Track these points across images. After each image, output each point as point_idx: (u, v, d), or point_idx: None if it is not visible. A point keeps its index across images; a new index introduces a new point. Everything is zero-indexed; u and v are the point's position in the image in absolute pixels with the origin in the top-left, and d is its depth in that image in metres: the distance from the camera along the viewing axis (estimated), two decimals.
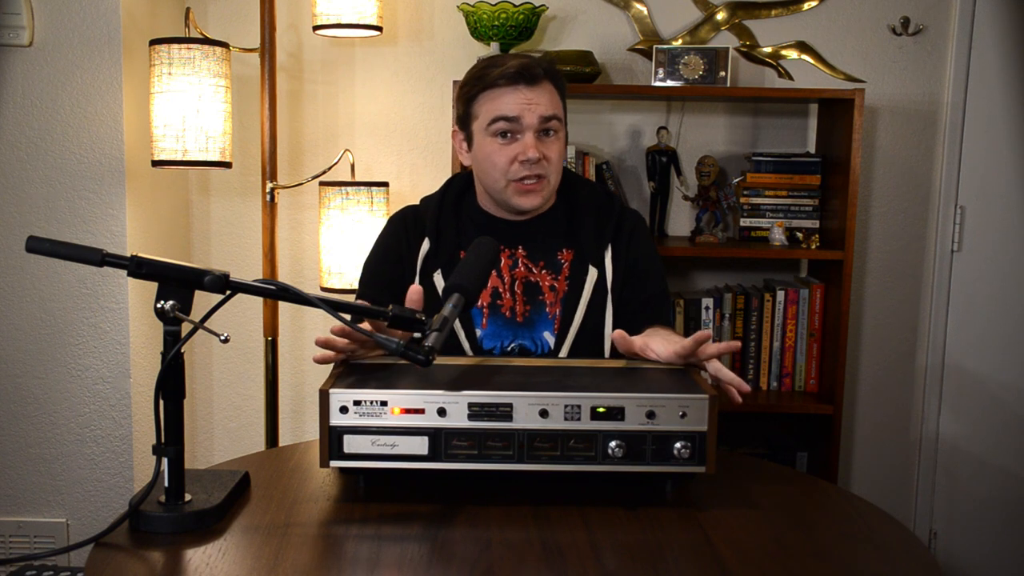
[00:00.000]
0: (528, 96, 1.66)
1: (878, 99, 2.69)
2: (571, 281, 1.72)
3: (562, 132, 1.71)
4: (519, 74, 1.65)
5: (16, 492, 2.45)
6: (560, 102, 1.72)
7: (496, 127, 1.68)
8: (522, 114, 1.65)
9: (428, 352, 1.22)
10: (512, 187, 1.69)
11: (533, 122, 1.66)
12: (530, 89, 1.66)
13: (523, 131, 1.66)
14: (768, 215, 2.59)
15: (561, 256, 1.75)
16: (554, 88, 1.70)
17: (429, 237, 1.75)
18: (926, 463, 2.80)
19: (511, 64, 1.67)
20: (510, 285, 1.72)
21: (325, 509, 1.28)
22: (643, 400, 1.25)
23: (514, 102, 1.66)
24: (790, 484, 1.45)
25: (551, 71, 1.71)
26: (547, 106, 1.67)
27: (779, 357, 2.58)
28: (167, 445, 1.22)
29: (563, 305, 1.71)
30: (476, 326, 1.71)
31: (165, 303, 1.18)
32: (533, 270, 1.73)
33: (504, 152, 1.67)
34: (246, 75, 2.62)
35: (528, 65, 1.66)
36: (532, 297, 1.72)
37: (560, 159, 1.71)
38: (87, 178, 2.35)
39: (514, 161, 1.67)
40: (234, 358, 2.81)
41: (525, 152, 1.65)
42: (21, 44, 2.30)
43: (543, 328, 1.71)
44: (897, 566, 1.17)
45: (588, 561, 1.12)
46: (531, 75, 1.66)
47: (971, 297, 2.74)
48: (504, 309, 1.71)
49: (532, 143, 1.65)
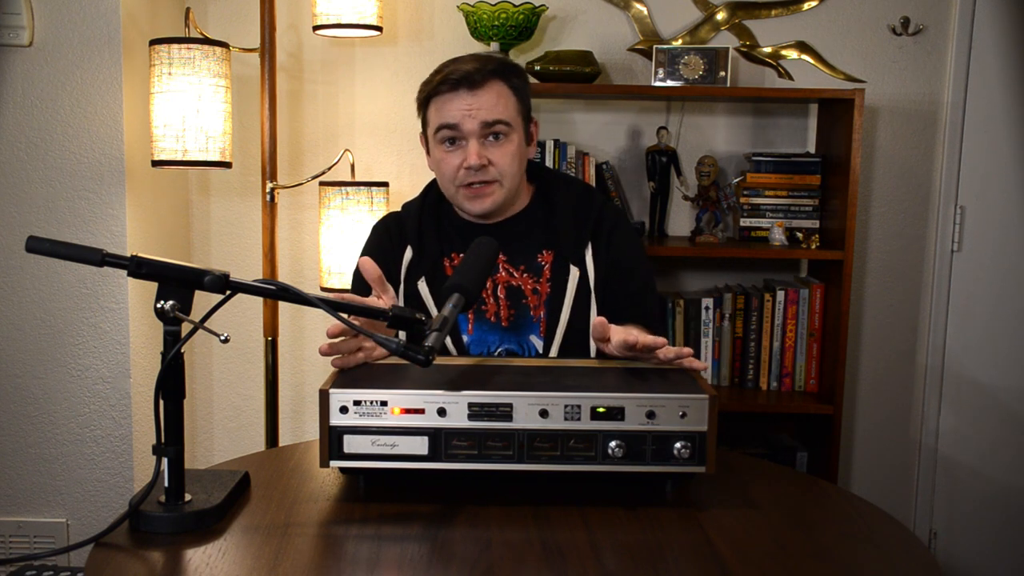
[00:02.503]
0: (469, 102, 1.63)
1: (878, 99, 2.69)
2: (553, 283, 1.71)
3: (515, 134, 1.68)
4: (461, 80, 1.63)
5: (16, 492, 2.45)
6: (514, 102, 1.68)
7: (441, 135, 1.67)
8: (462, 121, 1.64)
9: (428, 352, 1.22)
10: (461, 193, 1.68)
11: (474, 128, 1.64)
12: (471, 94, 1.64)
13: (466, 137, 1.65)
14: (768, 215, 2.59)
15: (541, 258, 1.73)
16: (507, 88, 1.67)
17: (412, 245, 1.74)
18: (926, 463, 2.80)
19: (455, 69, 1.65)
20: (492, 290, 1.71)
21: (325, 509, 1.28)
22: (643, 400, 1.25)
23: (456, 108, 1.64)
24: (790, 484, 1.45)
25: (503, 71, 1.67)
26: (490, 111, 1.64)
27: (779, 357, 2.58)
28: (167, 445, 1.21)
29: (547, 307, 1.69)
30: (462, 332, 1.70)
31: (165, 303, 1.18)
32: (515, 274, 1.72)
33: (450, 160, 1.67)
34: (246, 75, 2.62)
35: (471, 70, 1.64)
36: (516, 301, 1.71)
37: (513, 161, 1.67)
38: (87, 178, 2.35)
39: (460, 168, 1.66)
40: (234, 358, 2.81)
41: (468, 159, 1.64)
42: (21, 44, 2.30)
43: (529, 331, 1.70)
44: (897, 566, 1.17)
45: (588, 561, 1.12)
46: (472, 80, 1.63)
47: (971, 297, 2.74)
48: (489, 314, 1.71)
49: (475, 150, 1.64)
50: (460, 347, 1.69)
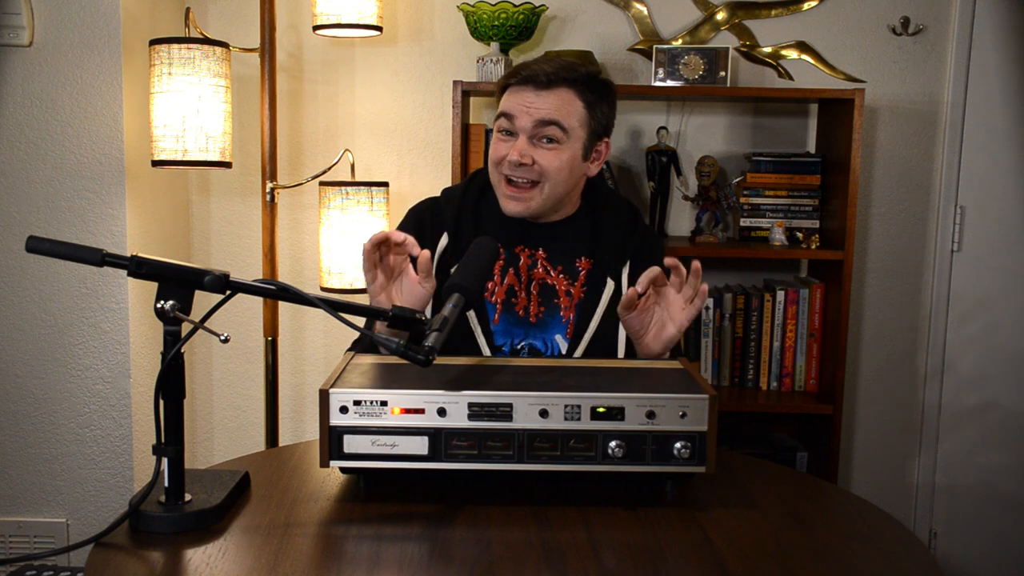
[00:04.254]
0: (531, 99, 1.65)
1: (878, 99, 2.69)
2: (587, 289, 1.71)
3: (571, 143, 1.67)
4: (532, 76, 1.65)
5: (16, 492, 2.45)
6: (581, 112, 1.67)
7: (499, 123, 1.69)
8: (518, 115, 1.65)
9: (428, 352, 1.22)
10: (502, 185, 1.69)
11: (527, 124, 1.65)
12: (536, 93, 1.65)
13: (518, 132, 1.66)
14: (768, 215, 2.59)
15: (579, 264, 1.74)
16: (575, 97, 1.67)
17: (448, 232, 1.73)
18: (926, 463, 2.80)
19: (534, 65, 1.67)
20: (526, 285, 1.72)
21: (325, 509, 1.28)
22: (643, 400, 1.25)
23: (517, 102, 1.66)
24: (790, 484, 1.45)
25: (579, 81, 1.67)
26: (549, 111, 1.64)
27: (779, 357, 2.58)
28: (167, 445, 1.21)
29: (577, 311, 1.70)
30: (489, 322, 1.71)
31: (165, 303, 1.18)
32: (551, 272, 1.73)
33: (499, 147, 1.69)
34: (246, 75, 2.62)
35: (547, 70, 1.65)
36: (547, 299, 1.71)
37: (561, 169, 1.66)
38: (87, 178, 2.35)
39: (504, 159, 1.67)
40: (234, 358, 2.81)
41: (511, 153, 1.65)
42: (21, 44, 2.30)
43: (555, 331, 1.70)
44: (897, 566, 1.17)
45: (588, 561, 1.12)
46: (541, 80, 1.64)
47: (971, 297, 2.74)
48: (518, 308, 1.71)
49: (521, 145, 1.65)
50: (489, 337, 1.68)
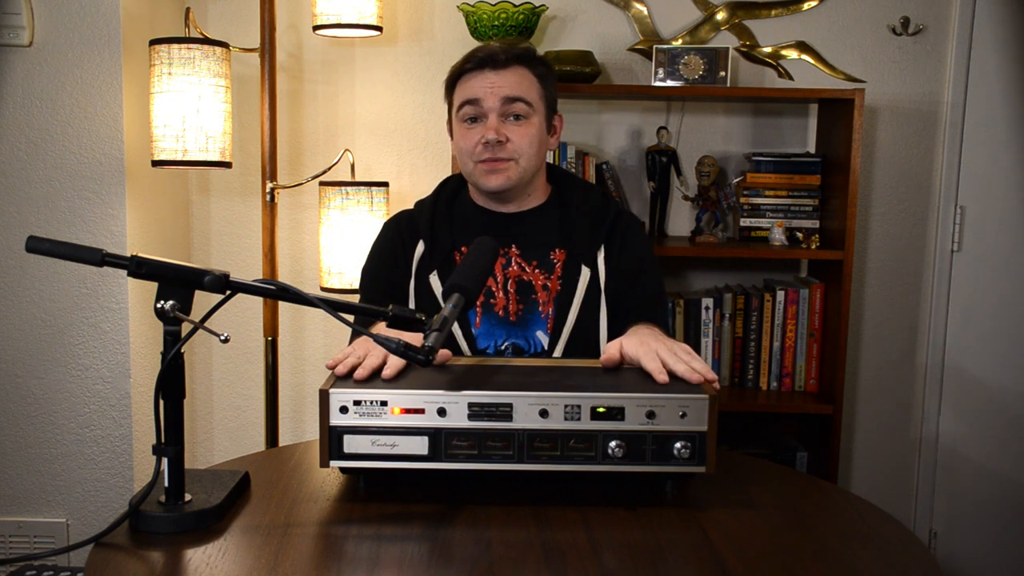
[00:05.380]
0: (491, 80, 1.69)
1: (878, 99, 2.69)
2: (564, 281, 1.72)
3: (535, 117, 1.72)
4: (486, 59, 1.70)
5: (16, 492, 2.45)
6: (536, 87, 1.73)
7: (463, 112, 1.72)
8: (483, 96, 1.69)
9: (428, 352, 1.22)
10: (478, 168, 1.72)
11: (494, 104, 1.69)
12: (495, 73, 1.69)
13: (486, 114, 1.69)
14: (768, 215, 2.59)
15: (554, 256, 1.75)
16: (529, 73, 1.72)
17: (423, 239, 1.76)
18: (926, 463, 2.80)
19: (482, 50, 1.72)
20: (503, 284, 1.73)
21: (325, 509, 1.28)
22: (643, 400, 1.25)
23: (477, 85, 1.70)
24: (790, 484, 1.45)
25: (526, 56, 1.73)
26: (511, 88, 1.69)
27: (779, 357, 2.58)
28: (167, 445, 1.21)
29: (556, 304, 1.70)
30: (471, 324, 1.71)
31: (165, 303, 1.18)
32: (526, 269, 1.74)
33: (469, 135, 1.71)
34: (246, 75, 2.62)
35: (497, 51, 1.70)
36: (525, 296, 1.72)
37: (532, 144, 1.71)
38: (87, 178, 2.35)
39: (478, 144, 1.70)
40: (234, 358, 2.81)
41: (486, 133, 1.68)
42: (21, 44, 2.30)
43: (536, 327, 1.71)
44: (897, 566, 1.17)
45: (588, 561, 1.12)
46: (496, 60, 1.69)
47: (971, 297, 2.74)
48: (497, 308, 1.71)
49: (494, 124, 1.68)
50: (470, 340, 1.70)
